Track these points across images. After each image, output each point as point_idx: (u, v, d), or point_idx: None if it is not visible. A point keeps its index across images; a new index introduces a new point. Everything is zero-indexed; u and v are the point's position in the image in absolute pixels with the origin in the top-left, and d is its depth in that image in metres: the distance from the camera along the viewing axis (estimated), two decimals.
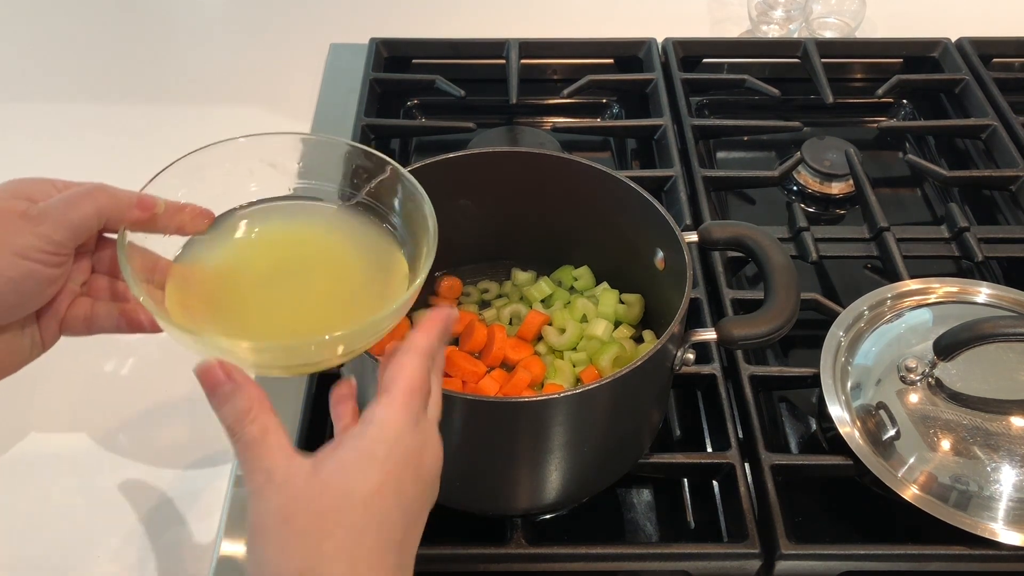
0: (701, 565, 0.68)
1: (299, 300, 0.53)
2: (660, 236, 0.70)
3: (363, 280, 0.55)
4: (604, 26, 1.22)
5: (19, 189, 0.50)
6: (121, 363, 0.83)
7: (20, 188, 0.50)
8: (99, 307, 0.54)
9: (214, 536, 0.71)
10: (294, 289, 0.54)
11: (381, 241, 0.56)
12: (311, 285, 0.54)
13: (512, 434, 0.62)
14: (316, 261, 0.56)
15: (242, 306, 0.53)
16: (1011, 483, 0.66)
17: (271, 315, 0.53)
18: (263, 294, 0.53)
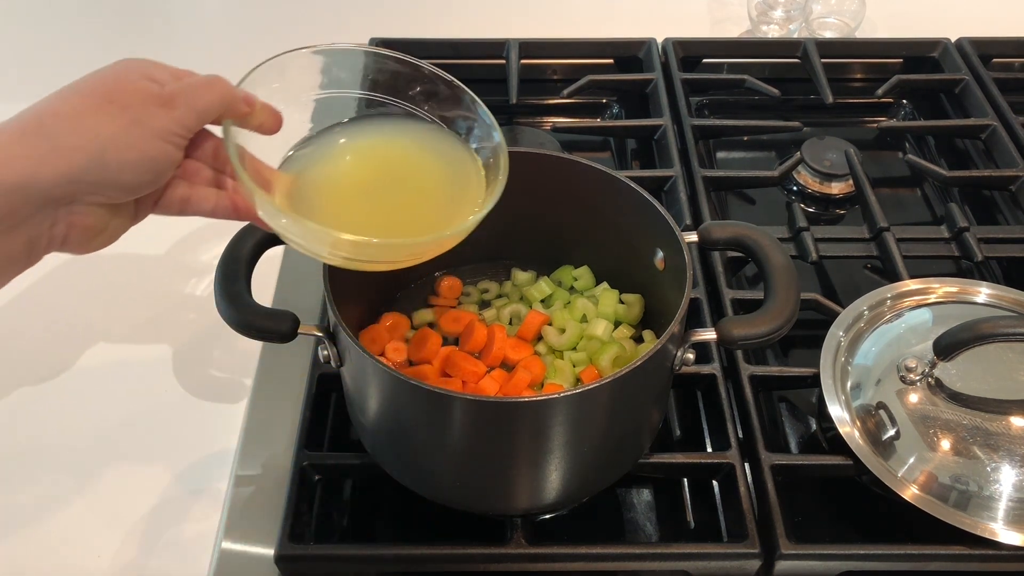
0: (701, 565, 0.68)
1: (383, 206, 0.60)
2: (660, 236, 0.70)
3: (440, 196, 0.61)
4: (604, 26, 1.22)
5: (142, 69, 0.52)
6: (121, 363, 0.83)
7: (142, 68, 0.52)
8: (196, 191, 0.56)
9: (214, 536, 0.71)
10: (379, 196, 0.60)
11: (463, 159, 0.61)
12: (394, 194, 0.61)
13: (512, 434, 0.62)
14: (402, 173, 0.62)
15: (333, 206, 0.59)
16: (1011, 483, 0.66)
17: (354, 215, 0.59)
18: (349, 197, 0.60)
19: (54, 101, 0.50)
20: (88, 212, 0.51)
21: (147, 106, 0.50)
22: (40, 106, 0.50)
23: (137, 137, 0.50)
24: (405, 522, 0.73)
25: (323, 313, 0.82)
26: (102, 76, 0.51)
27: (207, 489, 0.74)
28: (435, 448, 0.65)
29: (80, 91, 0.50)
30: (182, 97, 0.52)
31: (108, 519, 0.72)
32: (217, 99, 0.53)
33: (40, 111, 0.49)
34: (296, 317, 0.64)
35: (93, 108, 0.49)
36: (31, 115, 0.49)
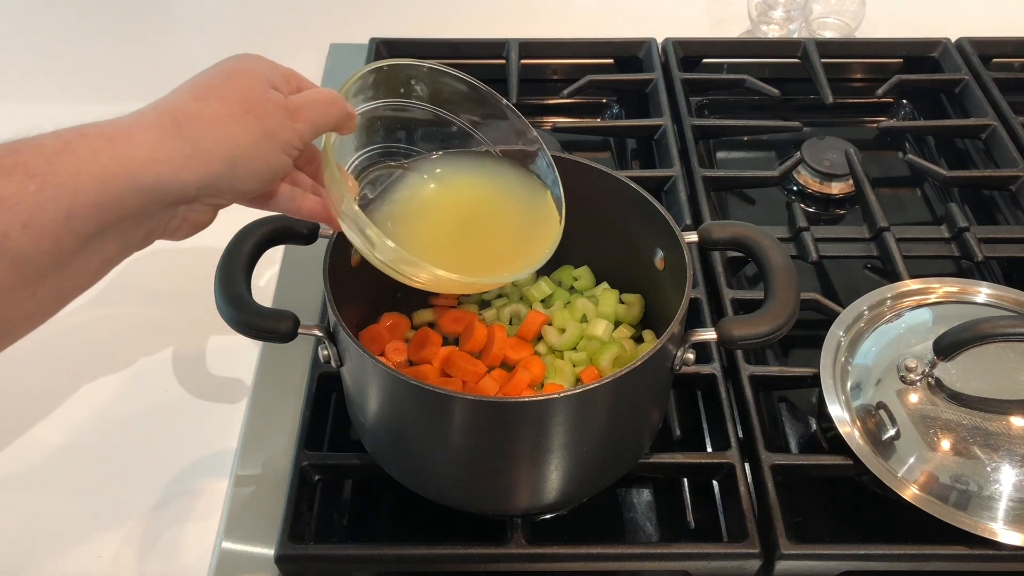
0: (701, 565, 0.68)
1: (460, 238, 0.64)
2: (660, 236, 0.70)
3: (514, 228, 0.66)
4: (604, 26, 1.22)
5: (265, 74, 0.53)
6: (121, 363, 0.83)
7: (265, 73, 0.53)
8: (282, 188, 0.57)
9: (214, 536, 0.71)
10: (456, 228, 0.64)
11: (537, 199, 0.66)
12: (471, 228, 0.65)
13: (512, 434, 0.62)
14: (480, 209, 0.66)
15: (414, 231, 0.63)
16: (1011, 483, 0.66)
17: (434, 242, 0.63)
18: (429, 225, 0.64)
19: (191, 103, 0.50)
20: (204, 210, 0.53)
21: (278, 118, 0.52)
22: (176, 105, 0.50)
23: (267, 148, 0.52)
24: (405, 522, 0.73)
25: (323, 313, 0.82)
26: (233, 80, 0.52)
27: (207, 489, 0.74)
28: (435, 448, 0.65)
29: (215, 95, 0.51)
30: (306, 112, 0.54)
31: (108, 519, 0.72)
32: (336, 117, 0.55)
33: (177, 112, 0.49)
34: (296, 317, 0.64)
35: (232, 117, 0.50)
36: (168, 115, 0.49)
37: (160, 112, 0.49)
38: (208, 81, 0.52)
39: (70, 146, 0.45)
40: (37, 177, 0.43)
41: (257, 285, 0.66)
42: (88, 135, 0.46)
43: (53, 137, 0.45)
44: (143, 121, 0.48)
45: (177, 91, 0.51)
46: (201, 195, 0.51)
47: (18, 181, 0.43)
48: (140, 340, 0.85)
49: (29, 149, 0.44)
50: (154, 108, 0.50)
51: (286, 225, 0.68)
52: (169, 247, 0.56)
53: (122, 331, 0.86)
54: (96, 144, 0.45)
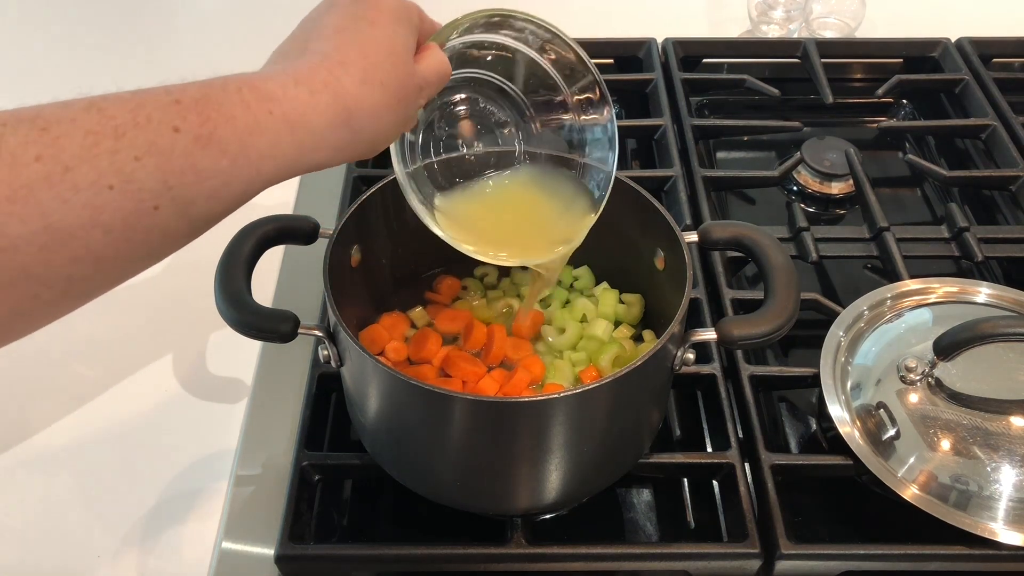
0: (701, 565, 0.68)
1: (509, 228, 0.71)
2: (660, 236, 0.70)
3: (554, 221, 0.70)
4: (604, 26, 1.22)
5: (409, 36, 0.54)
6: (121, 363, 0.83)
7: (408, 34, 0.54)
8: None
9: (214, 536, 0.71)
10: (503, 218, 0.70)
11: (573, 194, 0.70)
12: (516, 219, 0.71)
13: (512, 434, 0.62)
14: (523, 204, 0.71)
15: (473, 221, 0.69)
16: (1011, 483, 0.66)
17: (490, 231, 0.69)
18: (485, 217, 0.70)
19: (360, 88, 0.50)
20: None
21: (414, 102, 0.54)
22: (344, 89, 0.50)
23: (401, 129, 0.55)
24: (405, 522, 0.73)
25: (323, 313, 0.82)
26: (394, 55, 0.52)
27: (207, 489, 0.74)
28: (435, 448, 0.65)
29: (378, 79, 0.51)
30: (428, 89, 0.56)
31: (108, 519, 0.72)
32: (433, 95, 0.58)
33: (347, 99, 0.50)
34: (296, 317, 0.64)
35: (389, 108, 0.52)
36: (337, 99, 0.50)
37: (331, 94, 0.49)
38: (374, 54, 0.52)
39: (259, 126, 0.47)
40: (229, 154, 0.45)
41: (257, 285, 0.66)
42: (274, 114, 0.47)
43: (240, 104, 0.47)
44: (318, 104, 0.49)
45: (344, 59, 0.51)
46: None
47: (212, 156, 0.45)
48: (140, 340, 0.85)
49: (223, 120, 0.46)
50: (325, 85, 0.49)
51: (286, 225, 0.69)
52: None
53: (122, 331, 0.86)
54: (280, 128, 0.47)
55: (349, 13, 0.52)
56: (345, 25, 0.52)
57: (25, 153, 0.40)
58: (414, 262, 0.81)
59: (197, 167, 0.44)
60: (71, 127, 0.41)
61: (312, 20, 0.54)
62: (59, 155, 0.41)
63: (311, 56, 0.51)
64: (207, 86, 0.46)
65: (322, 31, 0.52)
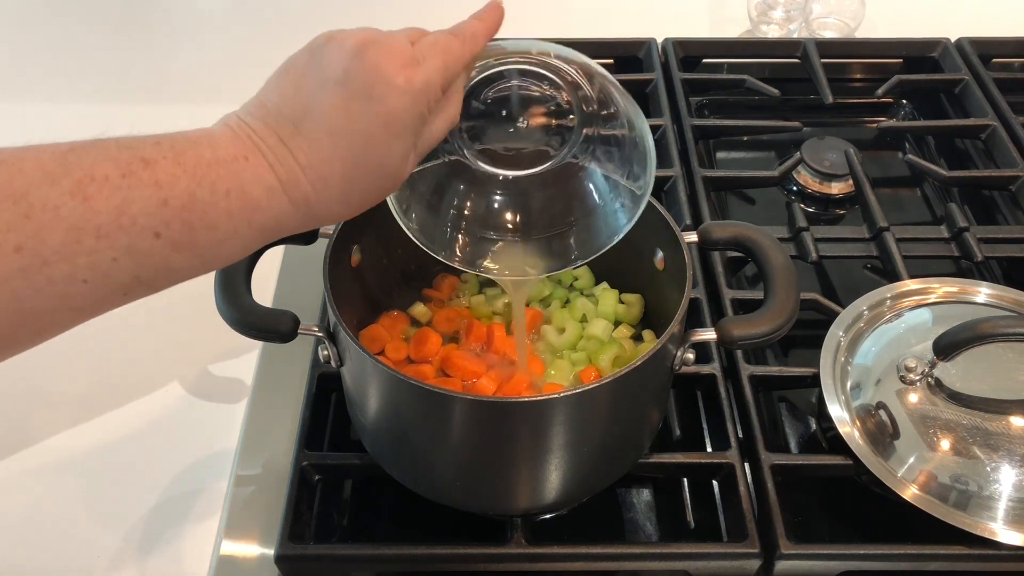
0: (701, 565, 0.68)
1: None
2: (660, 236, 0.70)
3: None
4: (604, 26, 1.22)
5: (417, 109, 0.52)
6: (121, 363, 0.83)
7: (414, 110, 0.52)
8: None
9: (214, 536, 0.71)
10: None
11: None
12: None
13: (512, 434, 0.62)
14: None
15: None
16: (1011, 483, 0.66)
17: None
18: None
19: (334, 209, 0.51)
20: None
21: (403, 176, 0.53)
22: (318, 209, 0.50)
23: (408, 167, 0.53)
24: (405, 522, 0.73)
25: (323, 313, 0.82)
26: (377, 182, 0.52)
27: (207, 489, 0.74)
28: (435, 448, 0.66)
29: (356, 203, 0.52)
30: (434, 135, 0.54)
31: (108, 519, 0.72)
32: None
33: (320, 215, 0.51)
34: (296, 317, 0.64)
35: (365, 194, 0.52)
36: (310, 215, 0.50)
37: (307, 211, 0.50)
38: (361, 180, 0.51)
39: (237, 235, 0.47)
40: (202, 258, 0.47)
41: (257, 285, 0.66)
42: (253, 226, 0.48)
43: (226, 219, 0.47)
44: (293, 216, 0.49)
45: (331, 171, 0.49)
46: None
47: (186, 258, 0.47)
48: (140, 340, 0.85)
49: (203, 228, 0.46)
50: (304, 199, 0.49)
51: None
52: None
53: (122, 331, 0.86)
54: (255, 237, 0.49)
55: (351, 111, 0.49)
56: (340, 127, 0.49)
57: (6, 242, 0.40)
58: (414, 262, 0.81)
59: (171, 267, 0.46)
60: (54, 218, 0.41)
61: (315, 82, 0.50)
62: (39, 248, 0.41)
63: (298, 145, 0.48)
64: (196, 180, 0.45)
65: (319, 115, 0.49)
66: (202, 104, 1.17)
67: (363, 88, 0.49)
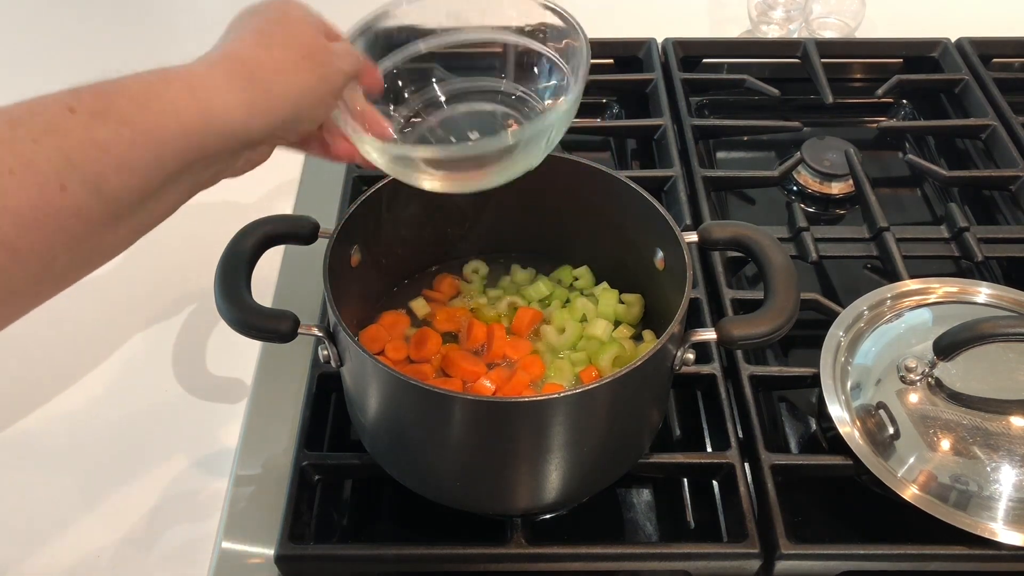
0: (701, 565, 0.68)
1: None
2: (660, 236, 0.70)
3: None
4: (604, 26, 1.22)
5: (314, 22, 0.56)
6: (121, 362, 0.83)
7: (314, 21, 0.56)
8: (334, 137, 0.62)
9: (214, 536, 0.71)
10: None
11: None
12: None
13: (512, 434, 0.62)
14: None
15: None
16: (1011, 483, 0.66)
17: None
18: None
19: (257, 50, 0.53)
20: (264, 151, 0.57)
21: (330, 64, 0.55)
22: (244, 53, 0.52)
23: (324, 92, 0.55)
24: (405, 522, 0.73)
25: (323, 313, 0.82)
26: (291, 26, 0.55)
27: (207, 489, 0.74)
28: (435, 448, 0.66)
29: (278, 42, 0.54)
30: (347, 59, 0.57)
31: (108, 519, 0.72)
32: (358, 70, 0.59)
33: (247, 60, 0.52)
34: (296, 317, 0.64)
35: (296, 64, 0.53)
36: (237, 61, 0.52)
37: (231, 59, 0.52)
38: (269, 27, 0.54)
39: (155, 92, 0.48)
40: (129, 123, 0.46)
41: (257, 285, 0.66)
42: (171, 81, 0.48)
43: (139, 82, 0.48)
44: (217, 68, 0.51)
45: (238, 36, 0.54)
46: (268, 138, 0.54)
47: (112, 126, 0.45)
48: (140, 339, 0.85)
49: (118, 94, 0.46)
50: (224, 55, 0.52)
51: (286, 225, 0.69)
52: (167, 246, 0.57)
53: (122, 330, 0.86)
54: (179, 91, 0.48)
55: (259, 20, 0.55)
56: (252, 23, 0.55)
57: None
58: (414, 261, 0.81)
59: (97, 139, 0.44)
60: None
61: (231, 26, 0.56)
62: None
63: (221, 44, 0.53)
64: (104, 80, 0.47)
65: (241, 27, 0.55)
66: None
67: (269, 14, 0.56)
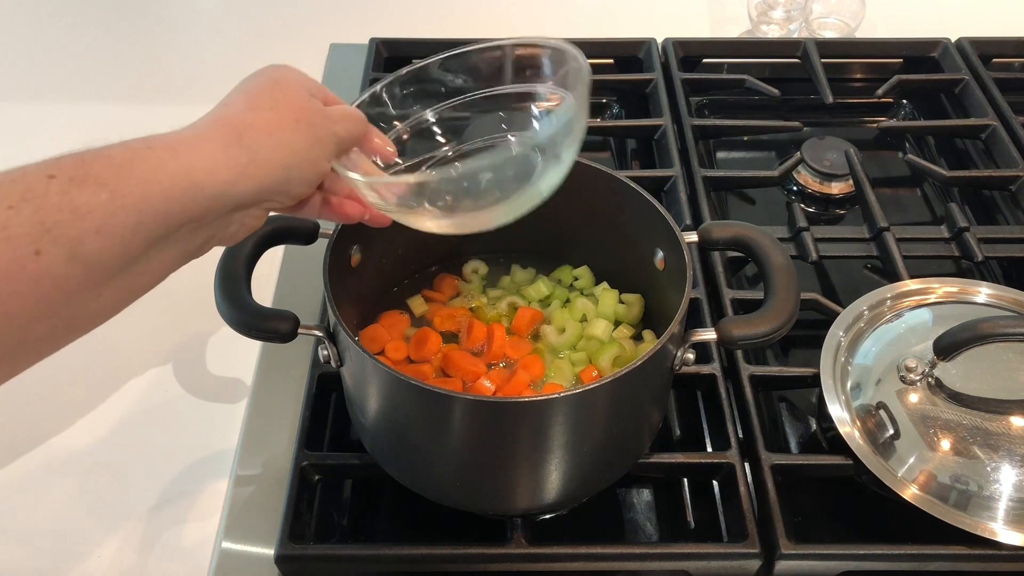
0: (701, 565, 0.68)
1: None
2: (660, 236, 0.70)
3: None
4: (604, 26, 1.22)
5: (306, 84, 0.55)
6: (121, 363, 0.83)
7: (305, 83, 0.55)
8: (335, 198, 0.61)
9: (214, 536, 0.71)
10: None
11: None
12: None
13: (512, 434, 0.62)
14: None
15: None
16: (1011, 483, 0.66)
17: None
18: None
19: (246, 113, 0.52)
20: (258, 215, 0.55)
21: (323, 126, 0.54)
22: (232, 116, 0.51)
23: (316, 154, 0.54)
24: (405, 522, 0.73)
25: (323, 313, 0.82)
26: (281, 89, 0.54)
27: (207, 489, 0.74)
28: (435, 448, 0.65)
29: (267, 104, 0.53)
30: (343, 121, 0.56)
31: (108, 519, 0.72)
32: (360, 133, 0.59)
33: (235, 122, 0.51)
34: (296, 317, 0.64)
35: (285, 125, 0.52)
36: (224, 125, 0.51)
37: (219, 123, 0.51)
38: (259, 90, 0.53)
39: (138, 156, 0.46)
40: (108, 187, 0.45)
41: (257, 285, 0.66)
42: (153, 147, 0.47)
43: (121, 148, 0.47)
44: (204, 133, 0.50)
45: (229, 101, 0.53)
46: (258, 200, 0.53)
47: (90, 190, 0.44)
48: (140, 340, 0.85)
49: (98, 160, 0.45)
50: (213, 119, 0.51)
51: (286, 225, 0.69)
52: None
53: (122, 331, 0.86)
54: (161, 155, 0.47)
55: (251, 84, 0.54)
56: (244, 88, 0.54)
57: None
58: (414, 262, 0.81)
59: (74, 204, 0.43)
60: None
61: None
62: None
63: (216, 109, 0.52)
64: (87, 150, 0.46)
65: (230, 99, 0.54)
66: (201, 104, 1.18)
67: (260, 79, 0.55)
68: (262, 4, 1.30)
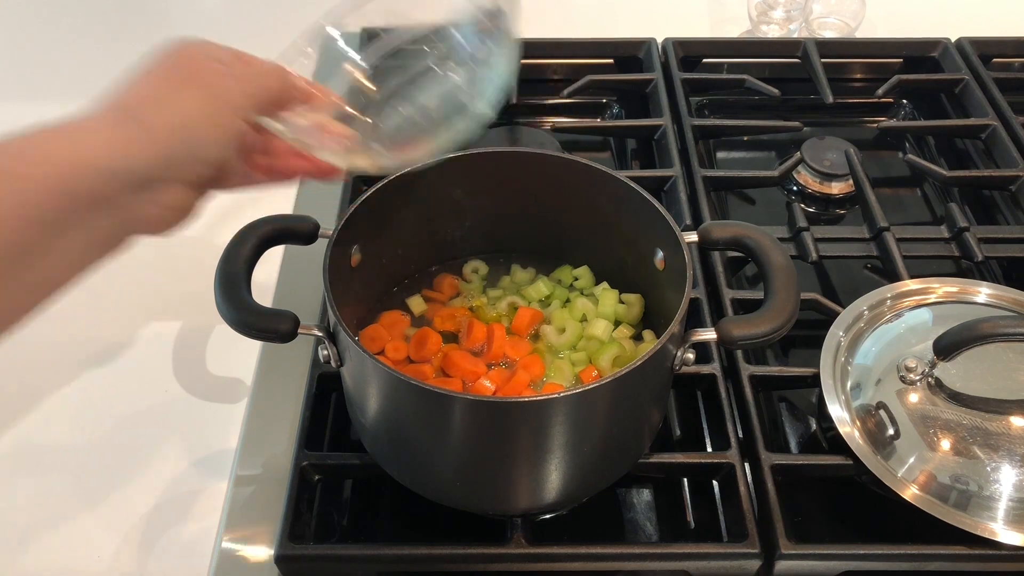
0: (701, 565, 0.68)
1: None
2: (660, 236, 0.70)
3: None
4: (604, 26, 1.22)
5: (206, 51, 0.54)
6: (121, 363, 0.83)
7: (206, 49, 0.54)
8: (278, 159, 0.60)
9: (214, 536, 0.71)
10: None
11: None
12: None
13: (512, 434, 0.62)
14: None
15: None
16: (1011, 483, 0.66)
17: None
18: None
19: (133, 87, 0.51)
20: (176, 190, 0.52)
21: (223, 83, 0.52)
22: (120, 93, 0.51)
23: (218, 113, 0.52)
24: (405, 522, 0.73)
25: (323, 313, 0.82)
26: (173, 59, 0.53)
27: (207, 489, 0.74)
28: (435, 448, 0.66)
29: (157, 75, 0.52)
30: (254, 80, 0.54)
31: (108, 519, 0.72)
32: (278, 87, 0.56)
33: (122, 97, 0.51)
34: (296, 317, 0.64)
35: (175, 89, 0.51)
36: (114, 102, 0.50)
37: (112, 102, 0.50)
38: (155, 67, 0.53)
39: (26, 140, 0.46)
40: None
41: (257, 285, 0.66)
42: (43, 130, 0.47)
43: (18, 136, 0.46)
44: (93, 113, 0.50)
45: (123, 81, 0.53)
46: (164, 174, 0.51)
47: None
48: (140, 340, 0.85)
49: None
50: (103, 100, 0.51)
51: (286, 225, 0.69)
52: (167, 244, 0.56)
53: (122, 331, 0.86)
54: (49, 136, 0.47)
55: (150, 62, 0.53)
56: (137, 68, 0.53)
57: None
58: (414, 262, 0.81)
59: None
60: None
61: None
62: None
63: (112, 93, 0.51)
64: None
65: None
66: None
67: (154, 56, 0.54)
68: (262, 4, 1.30)
